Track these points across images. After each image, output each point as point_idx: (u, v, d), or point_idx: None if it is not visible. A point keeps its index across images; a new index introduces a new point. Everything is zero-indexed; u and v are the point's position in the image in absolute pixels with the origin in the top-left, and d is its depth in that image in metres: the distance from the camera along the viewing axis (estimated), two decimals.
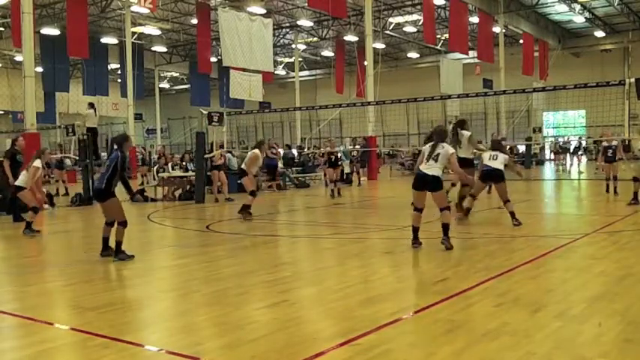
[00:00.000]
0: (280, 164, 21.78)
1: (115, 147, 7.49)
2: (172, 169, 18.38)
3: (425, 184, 7.59)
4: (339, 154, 18.76)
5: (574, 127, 41.57)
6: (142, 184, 22.76)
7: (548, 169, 31.05)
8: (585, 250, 7.62)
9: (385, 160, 36.02)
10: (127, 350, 4.06)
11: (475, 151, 10.68)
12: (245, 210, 11.69)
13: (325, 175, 19.57)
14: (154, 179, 18.05)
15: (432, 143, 7.70)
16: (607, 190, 14.32)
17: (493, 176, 10.02)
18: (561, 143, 33.97)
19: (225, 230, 10.36)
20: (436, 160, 7.57)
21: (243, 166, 12.29)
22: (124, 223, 7.29)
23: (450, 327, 4.35)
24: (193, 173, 16.97)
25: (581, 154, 31.88)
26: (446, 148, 7.64)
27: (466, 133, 10.34)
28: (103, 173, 7.46)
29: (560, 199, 16.17)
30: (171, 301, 5.56)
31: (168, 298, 5.68)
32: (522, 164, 29.82)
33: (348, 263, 7.14)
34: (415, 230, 7.76)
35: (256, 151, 12.18)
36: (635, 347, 3.91)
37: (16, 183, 10.40)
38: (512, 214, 9.71)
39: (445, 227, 7.58)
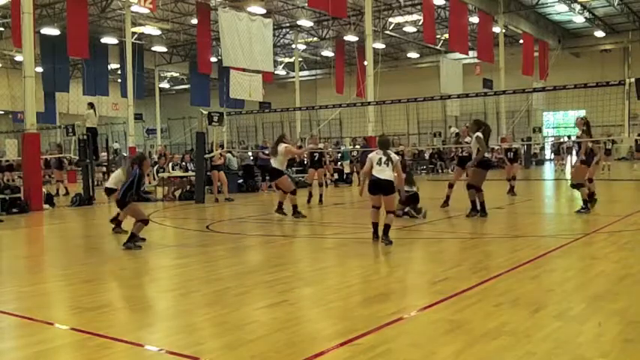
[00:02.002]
0: None
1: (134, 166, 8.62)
2: (172, 169, 18.39)
3: (380, 188, 7.96)
4: (339, 154, 18.31)
5: (574, 127, 41.54)
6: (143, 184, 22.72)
7: (549, 170, 31.02)
8: (585, 250, 7.62)
9: None
10: (126, 350, 4.06)
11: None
12: (296, 211, 11.75)
13: (325, 175, 19.17)
14: (154, 179, 18.04)
15: (382, 151, 8.02)
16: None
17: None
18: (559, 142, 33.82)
19: (225, 230, 10.36)
20: (388, 165, 7.91)
21: (276, 165, 11.66)
22: (144, 221, 8.49)
23: (450, 327, 4.35)
24: (193, 173, 16.97)
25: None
26: (394, 155, 8.04)
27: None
28: (123, 184, 8.78)
29: (559, 199, 16.16)
30: (171, 301, 5.55)
31: (168, 298, 5.68)
32: (521, 164, 29.76)
33: (348, 263, 7.14)
34: (375, 225, 8.22)
35: (284, 144, 11.76)
36: (635, 347, 3.91)
37: None
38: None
39: (387, 227, 7.96)
